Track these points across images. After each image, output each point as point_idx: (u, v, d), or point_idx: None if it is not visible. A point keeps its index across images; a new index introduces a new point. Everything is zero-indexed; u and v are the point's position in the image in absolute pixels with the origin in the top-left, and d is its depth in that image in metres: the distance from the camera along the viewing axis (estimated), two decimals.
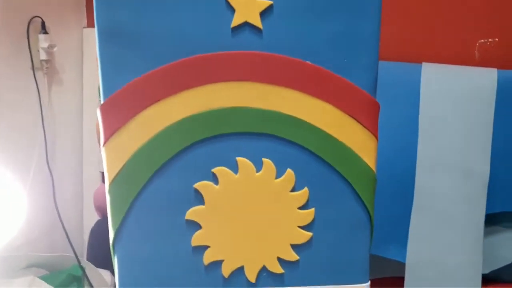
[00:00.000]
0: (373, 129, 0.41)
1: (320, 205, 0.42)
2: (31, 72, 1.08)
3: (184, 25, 0.40)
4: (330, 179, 0.42)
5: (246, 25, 0.40)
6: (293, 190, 0.42)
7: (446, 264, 1.01)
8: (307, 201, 0.42)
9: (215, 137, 0.40)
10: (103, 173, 1.35)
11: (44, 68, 1.10)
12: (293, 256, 0.42)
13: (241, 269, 0.42)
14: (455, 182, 0.99)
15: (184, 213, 0.41)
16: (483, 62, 1.00)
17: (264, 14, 0.40)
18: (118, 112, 0.39)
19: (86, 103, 1.21)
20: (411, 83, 1.00)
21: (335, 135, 0.40)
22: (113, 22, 0.40)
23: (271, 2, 0.40)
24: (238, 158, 0.41)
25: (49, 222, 1.17)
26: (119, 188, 0.40)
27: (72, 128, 1.21)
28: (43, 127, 1.10)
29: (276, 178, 0.41)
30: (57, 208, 1.11)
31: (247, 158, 0.41)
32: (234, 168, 0.41)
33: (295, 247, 0.42)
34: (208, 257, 0.42)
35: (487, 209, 0.97)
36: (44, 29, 1.08)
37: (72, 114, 1.21)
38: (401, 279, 1.03)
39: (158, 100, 0.39)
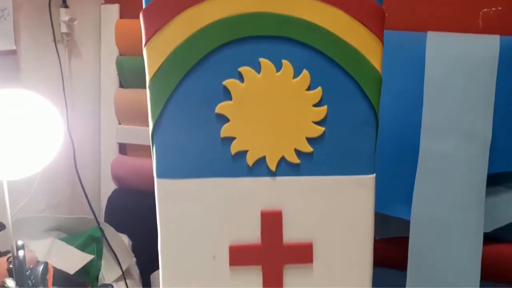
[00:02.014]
0: (379, 34, 0.47)
1: (331, 103, 0.48)
2: (53, 44, 1.14)
3: None
4: (341, 79, 0.47)
5: None
6: (308, 89, 0.48)
7: (448, 222, 1.05)
8: (321, 99, 0.48)
9: (239, 40, 0.46)
10: (120, 144, 1.39)
11: (64, 41, 1.16)
12: (308, 148, 0.48)
13: (263, 159, 0.48)
14: (458, 144, 1.02)
15: (214, 108, 0.47)
16: (486, 31, 1.02)
17: None
18: (157, 15, 0.45)
19: (104, 75, 1.26)
20: (417, 51, 1.04)
21: (345, 38, 0.46)
22: None
23: None
24: (261, 59, 0.47)
25: (69, 188, 1.22)
26: (157, 84, 0.46)
27: (91, 99, 1.26)
28: (64, 96, 1.15)
29: (294, 77, 0.47)
30: (78, 173, 1.15)
31: (268, 59, 0.46)
32: (257, 68, 0.47)
33: (309, 140, 0.48)
34: (234, 147, 0.48)
35: (489, 169, 1.01)
36: (65, 3, 1.14)
37: (91, 86, 1.25)
38: (406, 239, 1.07)
39: (192, 5, 0.45)
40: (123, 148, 1.30)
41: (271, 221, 0.48)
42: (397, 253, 1.13)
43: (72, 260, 1.01)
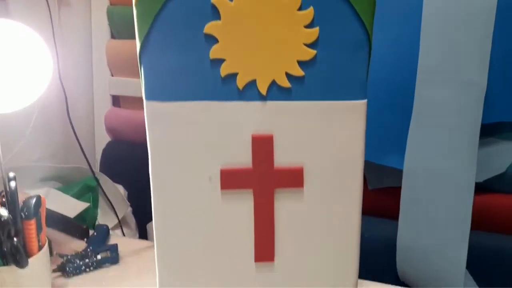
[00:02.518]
0: None
1: (323, 24, 0.47)
2: None
3: None
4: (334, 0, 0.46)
5: None
6: (299, 9, 0.47)
7: (441, 171, 1.06)
8: (312, 20, 0.47)
9: None
10: (113, 96, 1.39)
11: None
12: (299, 72, 0.48)
13: (253, 83, 0.48)
14: (453, 92, 1.02)
15: (202, 28, 0.46)
16: None
17: None
18: None
19: (95, 26, 1.23)
20: None
21: None
22: None
23: None
24: None
25: (64, 140, 1.22)
26: (144, 2, 0.45)
27: (82, 50, 1.24)
28: (55, 46, 1.13)
29: None
30: (71, 124, 1.14)
31: None
32: None
33: (301, 63, 0.47)
34: (224, 69, 0.47)
35: (483, 119, 1.01)
36: None
37: (82, 37, 1.23)
38: (399, 189, 1.08)
39: None
40: (116, 101, 1.30)
41: (262, 145, 0.48)
42: (390, 203, 1.15)
43: (69, 207, 1.01)
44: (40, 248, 0.64)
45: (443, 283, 0.81)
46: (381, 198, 1.18)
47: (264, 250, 0.51)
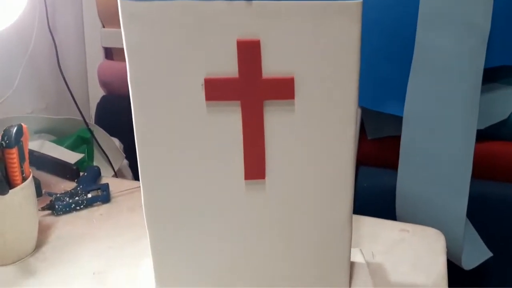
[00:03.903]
0: None
1: None
2: None
3: None
4: None
5: None
6: None
7: (442, 117, 1.03)
8: None
9: None
10: (105, 49, 1.35)
11: None
12: None
13: None
14: (455, 36, 0.99)
15: None
16: None
17: None
18: None
19: None
20: None
21: None
22: None
23: None
24: None
25: (56, 94, 1.20)
26: None
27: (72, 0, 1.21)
28: None
29: None
30: (62, 74, 1.12)
31: None
32: None
33: None
34: None
35: (486, 63, 0.98)
36: None
37: None
38: (398, 139, 1.06)
39: None
40: (109, 53, 1.27)
41: (249, 52, 0.45)
42: (389, 153, 1.13)
43: (64, 158, 1.00)
44: (24, 179, 0.62)
45: (443, 232, 0.80)
46: (381, 147, 1.17)
47: (254, 167, 0.49)
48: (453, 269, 0.94)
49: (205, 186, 0.49)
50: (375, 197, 1.17)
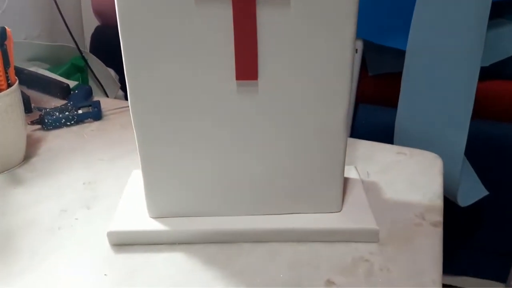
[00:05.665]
0: None
1: None
2: None
3: None
4: None
5: None
6: None
7: (445, 52, 1.00)
8: None
9: None
10: None
11: None
12: None
13: None
14: None
15: None
16: None
17: None
18: None
19: None
20: None
21: None
22: None
23: None
24: None
25: (50, 22, 1.16)
26: None
27: None
28: None
29: None
30: (56, 3, 1.08)
31: None
32: None
33: None
34: None
35: None
36: None
37: None
38: (399, 76, 1.03)
39: None
40: None
41: None
42: (389, 90, 1.11)
43: None
44: (9, 86, 0.60)
45: None
46: (381, 84, 1.14)
47: (246, 66, 0.46)
48: (449, 207, 0.94)
49: (194, 87, 0.47)
50: (373, 134, 1.15)
